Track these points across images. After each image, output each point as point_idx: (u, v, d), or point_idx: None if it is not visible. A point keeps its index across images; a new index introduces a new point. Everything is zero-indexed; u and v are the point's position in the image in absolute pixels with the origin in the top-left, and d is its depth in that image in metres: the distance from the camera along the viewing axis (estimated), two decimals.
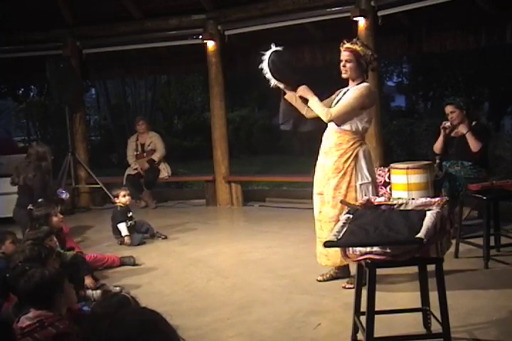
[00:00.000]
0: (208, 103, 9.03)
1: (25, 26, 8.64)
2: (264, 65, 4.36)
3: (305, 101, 4.40)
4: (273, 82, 4.43)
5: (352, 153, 4.27)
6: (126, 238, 6.12)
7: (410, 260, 3.03)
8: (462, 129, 5.65)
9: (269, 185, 10.09)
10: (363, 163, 4.29)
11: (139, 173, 8.48)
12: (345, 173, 4.27)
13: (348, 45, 4.28)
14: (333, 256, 4.27)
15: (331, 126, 4.36)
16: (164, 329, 1.55)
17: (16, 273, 3.19)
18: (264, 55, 4.37)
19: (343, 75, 4.35)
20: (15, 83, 14.29)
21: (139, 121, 8.82)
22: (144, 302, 2.26)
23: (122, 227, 6.17)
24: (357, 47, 4.26)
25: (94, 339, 1.59)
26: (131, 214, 6.35)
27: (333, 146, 4.32)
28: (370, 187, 4.30)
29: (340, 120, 4.27)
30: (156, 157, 8.51)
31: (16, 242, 4.28)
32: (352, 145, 4.28)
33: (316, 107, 4.31)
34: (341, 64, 4.32)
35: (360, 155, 4.29)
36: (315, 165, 4.51)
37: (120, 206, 6.35)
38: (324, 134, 4.43)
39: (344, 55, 4.29)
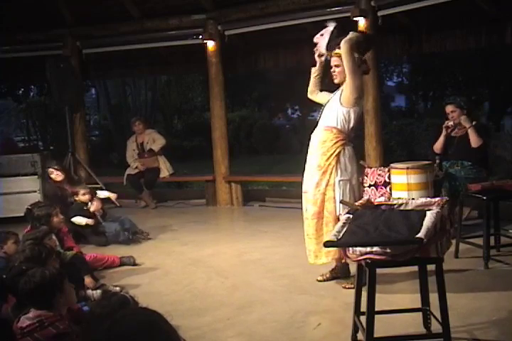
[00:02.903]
0: (208, 103, 9.03)
1: (25, 26, 8.64)
2: (326, 34, 4.43)
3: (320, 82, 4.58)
4: (323, 49, 4.47)
5: (334, 152, 4.32)
6: (89, 221, 6.00)
7: (410, 260, 3.03)
8: (465, 123, 5.64)
9: (269, 185, 10.09)
10: (343, 163, 4.34)
11: (139, 173, 8.47)
12: (325, 171, 4.33)
13: (336, 50, 4.35)
14: (320, 254, 4.36)
15: (319, 124, 4.44)
16: (165, 330, 1.55)
17: (13, 274, 3.19)
18: (328, 25, 4.47)
19: (335, 80, 4.45)
20: (15, 83, 14.28)
21: (136, 121, 8.81)
22: (143, 303, 2.26)
23: (78, 219, 6.01)
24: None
25: (94, 340, 1.59)
26: (91, 208, 6.15)
27: (318, 144, 4.38)
28: (349, 185, 4.34)
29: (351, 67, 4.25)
30: (155, 147, 8.51)
31: (19, 242, 4.28)
32: (335, 143, 4.33)
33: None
34: (331, 70, 4.44)
35: (342, 155, 4.34)
36: None
37: (77, 203, 6.20)
38: (313, 133, 4.48)
39: (332, 60, 4.41)
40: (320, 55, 4.53)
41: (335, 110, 4.35)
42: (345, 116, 4.32)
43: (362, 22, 6.98)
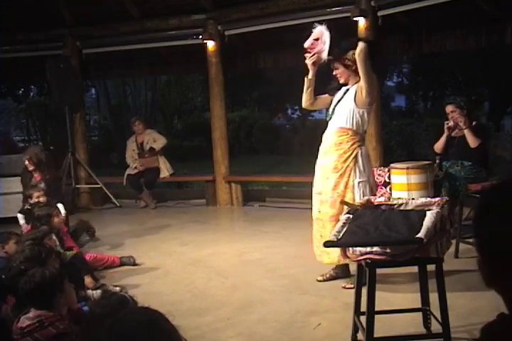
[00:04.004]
0: (208, 103, 9.03)
1: (25, 26, 8.63)
2: (325, 39, 4.35)
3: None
4: (324, 56, 4.39)
5: (351, 153, 4.31)
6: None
7: (410, 260, 3.03)
8: (462, 124, 5.66)
9: (269, 185, 10.09)
10: (361, 164, 4.33)
11: (139, 173, 8.46)
12: (343, 173, 4.30)
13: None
14: (334, 254, 4.30)
15: (332, 125, 4.40)
16: (166, 329, 1.55)
17: (12, 274, 3.19)
18: (318, 27, 4.42)
19: (340, 81, 4.46)
20: (15, 83, 14.28)
21: (135, 121, 8.79)
22: (144, 303, 2.26)
23: (20, 217, 5.72)
24: None
25: (94, 339, 1.58)
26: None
27: (333, 146, 4.35)
28: (368, 186, 4.34)
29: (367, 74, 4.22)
30: (156, 145, 8.50)
31: (20, 243, 4.28)
32: (352, 145, 4.31)
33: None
34: (333, 73, 4.45)
35: (359, 156, 4.33)
36: (315, 164, 4.54)
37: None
38: (324, 134, 4.47)
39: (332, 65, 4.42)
40: (315, 62, 4.43)
41: (349, 111, 4.32)
42: (361, 117, 4.32)
43: (362, 22, 6.98)
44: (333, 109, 4.43)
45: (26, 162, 6.57)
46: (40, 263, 3.34)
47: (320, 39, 4.37)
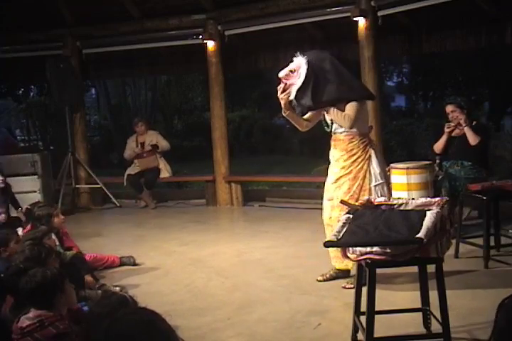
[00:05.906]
0: (208, 103, 9.03)
1: (25, 26, 8.63)
2: (301, 73, 4.16)
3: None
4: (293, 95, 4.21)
5: (364, 157, 4.29)
6: None
7: (410, 260, 3.03)
8: (462, 122, 5.67)
9: (269, 185, 10.09)
10: (375, 165, 4.31)
11: (139, 173, 8.46)
12: (355, 177, 4.27)
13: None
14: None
15: (337, 133, 4.35)
16: (163, 329, 1.55)
17: (11, 273, 3.19)
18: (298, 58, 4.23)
19: None
20: (15, 83, 14.27)
21: (138, 122, 8.72)
22: (143, 303, 2.26)
23: None
24: None
25: (94, 339, 1.59)
26: None
27: (345, 154, 4.31)
28: (385, 187, 4.34)
29: (354, 123, 4.24)
30: (159, 144, 8.48)
31: (20, 241, 4.27)
32: (363, 148, 4.29)
33: (337, 116, 4.24)
34: None
35: (373, 156, 4.31)
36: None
37: None
38: (332, 142, 4.41)
39: None
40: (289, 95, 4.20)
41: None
42: (363, 115, 4.31)
43: (362, 22, 6.99)
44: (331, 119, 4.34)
45: None
46: (40, 263, 3.34)
47: (296, 72, 4.18)
